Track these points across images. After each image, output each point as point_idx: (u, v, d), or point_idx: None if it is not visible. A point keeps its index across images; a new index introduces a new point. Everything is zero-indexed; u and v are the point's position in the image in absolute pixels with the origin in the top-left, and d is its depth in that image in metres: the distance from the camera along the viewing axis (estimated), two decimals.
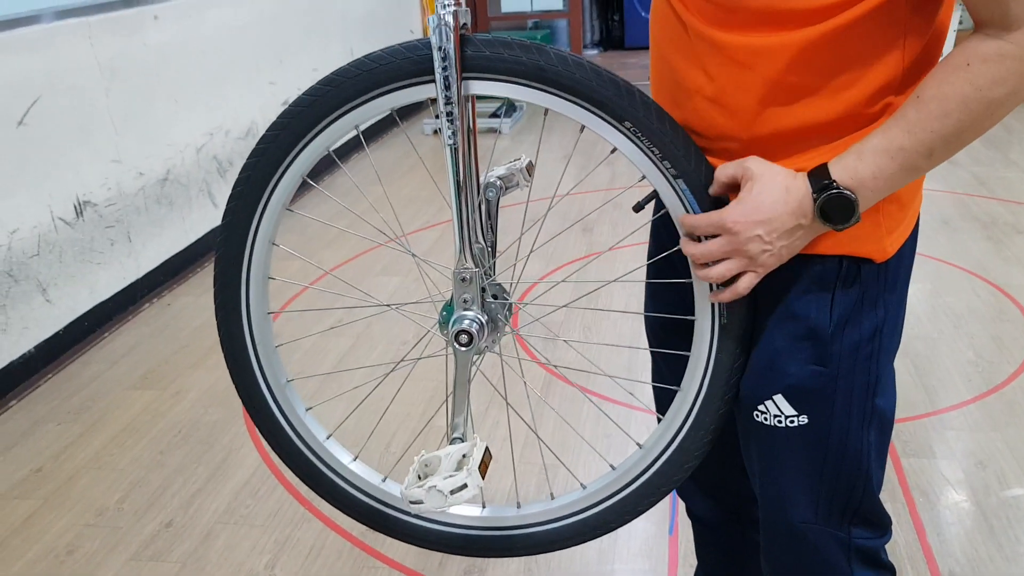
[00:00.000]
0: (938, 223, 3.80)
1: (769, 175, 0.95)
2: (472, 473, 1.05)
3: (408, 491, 1.05)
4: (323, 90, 1.06)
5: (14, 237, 2.83)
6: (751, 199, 0.95)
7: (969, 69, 0.88)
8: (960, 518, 2.05)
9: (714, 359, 1.09)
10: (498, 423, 2.47)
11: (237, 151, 4.15)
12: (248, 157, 1.12)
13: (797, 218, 0.95)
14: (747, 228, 0.95)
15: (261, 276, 1.18)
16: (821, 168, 0.94)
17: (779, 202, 0.94)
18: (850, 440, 1.06)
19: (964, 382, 2.59)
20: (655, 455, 1.17)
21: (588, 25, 8.71)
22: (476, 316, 1.13)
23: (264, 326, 1.21)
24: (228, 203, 1.14)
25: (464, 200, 1.07)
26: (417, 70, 1.02)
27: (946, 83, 0.89)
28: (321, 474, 1.27)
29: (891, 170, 0.92)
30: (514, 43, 1.00)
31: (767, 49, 0.94)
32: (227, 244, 1.16)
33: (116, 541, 2.14)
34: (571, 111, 1.01)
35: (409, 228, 4.09)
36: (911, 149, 0.91)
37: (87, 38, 3.16)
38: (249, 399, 1.25)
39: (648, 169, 1.02)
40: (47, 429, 2.63)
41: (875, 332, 1.04)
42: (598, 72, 0.99)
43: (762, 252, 0.96)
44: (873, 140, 0.93)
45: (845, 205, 0.93)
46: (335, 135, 1.09)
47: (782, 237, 0.96)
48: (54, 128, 3.00)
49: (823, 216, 0.94)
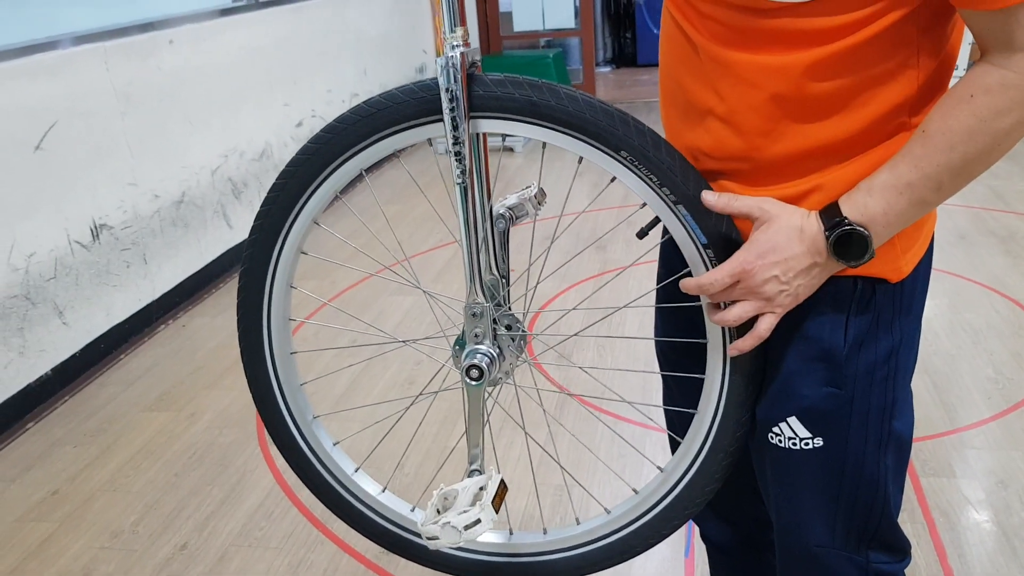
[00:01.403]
0: (955, 238, 3.78)
1: (784, 215, 0.95)
2: (485, 508, 1.07)
3: (425, 527, 1.07)
4: (326, 137, 1.09)
5: (31, 260, 2.85)
6: (765, 240, 0.95)
7: (973, 101, 0.87)
8: (981, 539, 2.02)
9: (728, 381, 1.09)
10: (512, 443, 2.46)
11: (252, 173, 4.17)
12: (261, 206, 1.16)
13: (812, 256, 0.95)
14: (763, 269, 0.95)
15: (281, 318, 1.22)
16: (832, 206, 0.94)
17: (794, 241, 0.94)
18: (866, 463, 1.05)
19: (984, 399, 2.56)
20: (676, 478, 1.17)
21: (600, 43, 8.75)
22: (487, 350, 1.14)
23: (288, 365, 1.24)
24: (245, 250, 1.19)
25: (474, 237, 1.08)
26: (415, 112, 1.05)
27: (950, 116, 0.89)
28: (351, 505, 1.30)
29: (901, 206, 0.92)
30: (506, 79, 1.02)
31: (777, 68, 0.93)
32: (247, 291, 1.20)
33: (131, 564, 2.14)
34: (568, 144, 1.02)
35: (424, 247, 4.09)
36: (919, 184, 0.91)
37: (103, 63, 3.19)
38: (278, 437, 1.28)
39: (648, 196, 1.02)
40: (64, 451, 2.64)
41: (891, 353, 1.03)
42: (591, 103, 1.00)
43: (779, 292, 0.96)
44: (881, 176, 0.93)
45: (859, 241, 0.93)
46: (342, 179, 1.12)
47: (799, 276, 0.95)
48: (71, 152, 3.03)
49: (837, 253, 0.94)
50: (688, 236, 1.02)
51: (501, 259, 1.15)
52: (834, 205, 0.94)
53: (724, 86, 0.98)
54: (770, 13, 0.90)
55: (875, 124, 0.95)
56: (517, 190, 1.24)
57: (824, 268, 0.96)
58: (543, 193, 1.25)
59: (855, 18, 0.88)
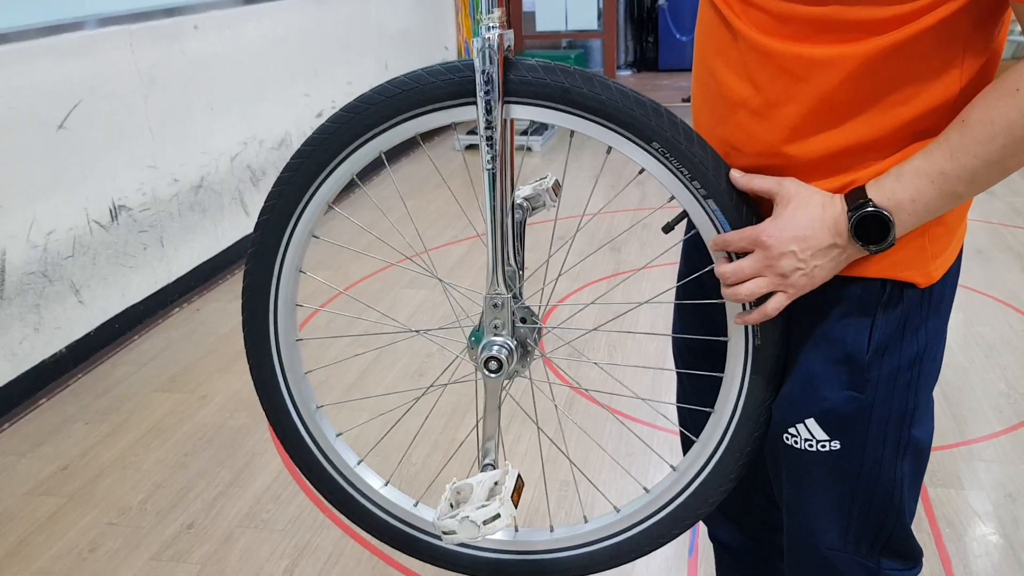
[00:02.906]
0: (972, 252, 3.76)
1: (806, 194, 0.94)
2: (505, 503, 1.03)
3: (441, 521, 1.04)
4: (346, 117, 1.05)
5: (50, 238, 2.88)
6: (786, 214, 0.94)
7: (1018, 95, 0.85)
8: (988, 551, 2.01)
9: (748, 381, 1.07)
10: (519, 437, 2.47)
11: (270, 161, 4.19)
12: (272, 187, 1.12)
13: (832, 236, 0.93)
14: (781, 243, 0.94)
15: (289, 303, 1.18)
16: (859, 189, 0.93)
17: (815, 219, 0.93)
18: (883, 469, 1.03)
19: (995, 413, 2.55)
20: (690, 477, 1.15)
21: (622, 46, 8.74)
22: (505, 342, 1.11)
23: (293, 353, 1.21)
24: (254, 232, 1.14)
25: (500, 225, 1.06)
26: (443, 94, 1.01)
27: (993, 108, 0.86)
28: (352, 499, 1.27)
29: (930, 194, 0.90)
30: (538, 65, 0.99)
31: (824, 61, 0.91)
32: (254, 273, 1.16)
33: (138, 541, 2.15)
34: (597, 132, 1.00)
35: (438, 242, 4.10)
36: (952, 174, 0.89)
37: (128, 45, 3.22)
38: (279, 426, 1.25)
39: (677, 190, 1.00)
40: (75, 428, 2.67)
41: (915, 359, 1.01)
42: (624, 93, 0.98)
43: (795, 270, 0.95)
44: (915, 163, 0.91)
45: (881, 224, 0.91)
46: (360, 161, 1.08)
47: (816, 256, 0.94)
48: (93, 133, 3.06)
49: (858, 235, 0.92)
50: (716, 231, 1.00)
51: (518, 250, 1.13)
52: (860, 189, 0.93)
53: (763, 77, 0.95)
54: (819, 0, 0.88)
55: (914, 123, 0.92)
56: (531, 181, 1.23)
57: (844, 251, 0.94)
58: (559, 185, 1.23)
59: (909, 9, 0.86)
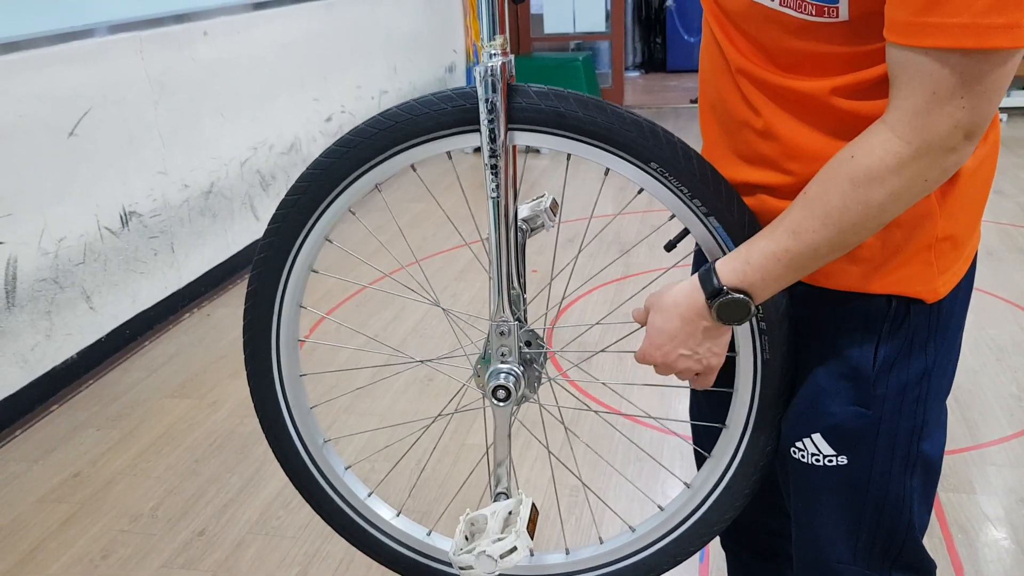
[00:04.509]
0: (982, 254, 3.74)
1: (661, 301, 0.99)
2: (521, 535, 1.02)
3: (458, 557, 1.03)
4: (340, 151, 1.04)
5: (61, 245, 2.89)
6: (652, 327, 1.00)
7: (852, 162, 0.84)
8: (999, 556, 2.00)
9: (759, 395, 1.07)
10: (522, 458, 2.47)
11: (280, 166, 4.21)
12: (268, 223, 1.10)
13: (698, 322, 0.97)
14: (665, 354, 1.00)
15: (291, 338, 1.16)
16: (707, 272, 0.95)
17: (674, 318, 0.97)
18: (892, 484, 1.03)
19: (1006, 416, 2.53)
20: (704, 494, 1.15)
21: (630, 47, 8.73)
22: (512, 369, 1.10)
23: (297, 388, 1.19)
24: (253, 269, 1.13)
25: (506, 253, 1.05)
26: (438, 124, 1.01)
27: (830, 180, 0.86)
28: (364, 531, 1.26)
29: (779, 271, 0.91)
30: (531, 90, 0.98)
31: (804, 93, 0.91)
32: (254, 311, 1.15)
33: (149, 548, 2.16)
34: (594, 155, 0.99)
35: (444, 247, 4.11)
36: (797, 251, 0.89)
37: (138, 52, 3.23)
38: (287, 464, 1.23)
39: (678, 208, 1.00)
40: (86, 434, 2.68)
41: (923, 375, 1.00)
42: (620, 115, 0.97)
43: (695, 362, 1.00)
44: (760, 242, 0.92)
45: (741, 307, 0.93)
46: (355, 195, 1.07)
47: (701, 343, 0.98)
48: (103, 139, 3.07)
49: (723, 319, 0.95)
50: (719, 248, 1.00)
51: (521, 273, 1.12)
52: (710, 271, 0.95)
53: (757, 102, 0.96)
54: (802, 32, 0.88)
55: None
56: (529, 200, 1.21)
57: (720, 327, 0.98)
58: (556, 204, 1.22)
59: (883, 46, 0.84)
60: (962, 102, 0.77)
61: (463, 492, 2.21)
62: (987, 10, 0.73)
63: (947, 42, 0.75)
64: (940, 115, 0.78)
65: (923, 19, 0.75)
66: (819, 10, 0.84)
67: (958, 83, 0.76)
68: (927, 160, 0.81)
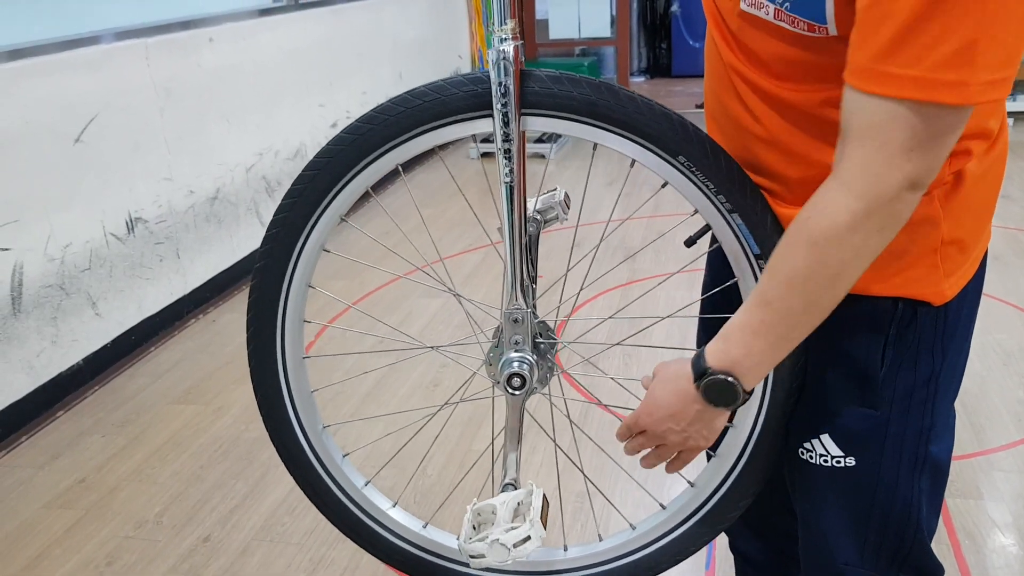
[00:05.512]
0: (989, 258, 3.72)
1: (664, 372, 0.99)
2: (535, 524, 1.01)
3: (468, 545, 1.00)
4: (363, 128, 1.04)
5: (67, 251, 2.90)
6: (649, 398, 1.00)
7: (808, 224, 0.84)
8: (1007, 562, 1.99)
9: (769, 394, 1.07)
10: (532, 450, 2.46)
11: (286, 172, 4.21)
12: (283, 199, 1.09)
13: (691, 404, 0.96)
14: (656, 424, 1.00)
15: (296, 320, 1.14)
16: (699, 354, 0.95)
17: (670, 394, 0.98)
18: (899, 486, 1.03)
19: (1014, 422, 2.52)
20: (708, 492, 1.14)
21: (635, 52, 8.73)
22: (525, 357, 1.10)
23: (299, 371, 1.18)
24: (262, 246, 1.11)
25: (519, 239, 1.04)
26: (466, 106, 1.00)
27: (791, 247, 0.86)
28: (360, 522, 1.25)
29: (760, 346, 0.90)
30: (563, 77, 0.98)
31: (793, 102, 0.92)
32: (261, 289, 1.12)
33: (154, 554, 2.16)
34: (622, 146, 0.99)
35: (453, 250, 4.11)
36: (772, 322, 0.89)
37: (144, 59, 3.24)
38: (284, 447, 1.22)
39: (701, 204, 1.00)
40: (92, 440, 2.68)
41: (931, 377, 1.01)
42: (650, 106, 0.97)
43: (683, 440, 1.00)
44: (737, 319, 0.92)
45: (726, 388, 0.93)
46: (375, 174, 1.06)
47: (692, 424, 0.98)
48: (109, 146, 3.08)
49: (712, 401, 0.94)
50: (740, 246, 1.00)
51: (534, 263, 1.12)
52: (701, 353, 0.95)
53: (756, 108, 0.97)
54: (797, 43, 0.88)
55: None
56: (541, 193, 1.21)
57: (713, 411, 0.97)
58: (568, 197, 1.22)
59: None
60: (911, 155, 0.78)
61: (460, 489, 2.21)
62: (939, 65, 0.74)
63: (898, 92, 0.76)
64: (889, 166, 0.78)
65: (879, 67, 0.76)
66: (810, 27, 0.85)
67: (907, 135, 0.77)
68: (879, 214, 0.81)
